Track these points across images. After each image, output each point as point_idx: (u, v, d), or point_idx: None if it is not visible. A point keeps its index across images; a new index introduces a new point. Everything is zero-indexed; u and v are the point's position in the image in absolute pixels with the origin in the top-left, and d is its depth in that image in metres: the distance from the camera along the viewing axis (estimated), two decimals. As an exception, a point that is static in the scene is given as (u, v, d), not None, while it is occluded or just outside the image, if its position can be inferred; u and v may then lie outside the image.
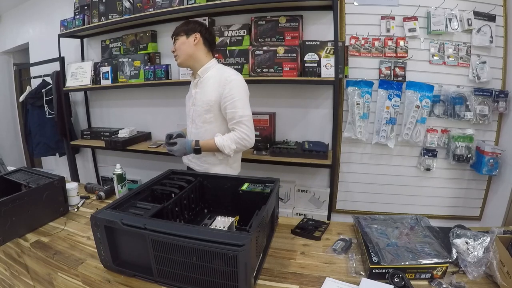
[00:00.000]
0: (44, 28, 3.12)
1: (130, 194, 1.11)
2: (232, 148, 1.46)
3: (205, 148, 1.49)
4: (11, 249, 1.17)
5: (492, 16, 1.90)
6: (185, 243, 0.81)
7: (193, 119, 1.58)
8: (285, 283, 0.92)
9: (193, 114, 1.57)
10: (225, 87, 1.44)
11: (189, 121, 1.64)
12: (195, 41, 1.51)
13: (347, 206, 2.30)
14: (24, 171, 1.49)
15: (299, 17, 2.04)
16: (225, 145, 1.46)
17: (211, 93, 1.48)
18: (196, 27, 1.53)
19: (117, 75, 2.55)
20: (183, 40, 1.51)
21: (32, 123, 3.11)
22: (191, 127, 1.61)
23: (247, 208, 1.09)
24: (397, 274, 0.88)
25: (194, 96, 1.57)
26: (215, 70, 1.54)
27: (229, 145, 1.46)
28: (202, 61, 1.54)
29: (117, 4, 2.40)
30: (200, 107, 1.51)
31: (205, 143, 1.48)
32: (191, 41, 1.51)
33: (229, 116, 1.46)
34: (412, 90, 1.98)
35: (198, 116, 1.54)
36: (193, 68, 1.56)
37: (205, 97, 1.49)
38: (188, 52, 1.52)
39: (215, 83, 1.47)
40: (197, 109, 1.53)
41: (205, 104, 1.49)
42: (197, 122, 1.55)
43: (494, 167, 1.94)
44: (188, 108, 1.65)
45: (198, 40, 1.52)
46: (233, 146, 1.46)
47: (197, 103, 1.54)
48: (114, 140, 2.46)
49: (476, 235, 1.00)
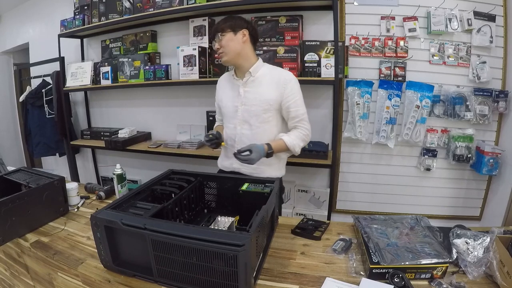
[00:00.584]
0: (44, 28, 3.12)
1: (130, 194, 1.11)
2: (300, 146, 1.46)
3: (276, 150, 1.42)
4: (11, 249, 1.17)
5: (492, 16, 1.90)
6: (185, 243, 0.81)
7: (244, 120, 1.48)
8: (285, 283, 0.92)
9: (244, 114, 1.48)
10: (286, 87, 1.42)
11: (235, 122, 1.51)
12: (244, 37, 1.43)
13: (347, 206, 2.30)
14: (24, 171, 1.49)
15: (299, 17, 2.04)
16: (295, 144, 1.44)
17: (270, 92, 1.43)
18: (243, 23, 1.45)
19: (117, 75, 2.55)
20: (231, 37, 1.41)
21: (32, 123, 3.11)
22: (242, 128, 1.49)
23: (247, 208, 1.09)
24: (397, 274, 0.88)
25: (244, 95, 1.47)
26: (266, 68, 1.48)
27: (298, 143, 1.45)
28: (251, 59, 1.47)
29: (117, 4, 2.40)
30: (258, 106, 1.44)
31: (276, 145, 1.41)
32: (239, 38, 1.42)
33: (292, 114, 1.45)
34: (412, 90, 1.98)
35: (255, 116, 1.46)
36: (240, 66, 1.47)
37: (263, 96, 1.43)
38: (236, 50, 1.42)
39: (273, 83, 1.43)
40: (252, 109, 1.45)
41: (263, 103, 1.43)
42: (253, 122, 1.47)
43: (494, 167, 1.94)
44: (230, 108, 1.52)
45: (247, 37, 1.44)
46: (301, 144, 1.46)
47: (250, 103, 1.46)
48: (114, 140, 2.46)
49: (476, 235, 1.00)
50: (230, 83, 1.55)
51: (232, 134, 1.53)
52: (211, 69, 2.24)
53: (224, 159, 1.62)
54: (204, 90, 2.43)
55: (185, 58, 2.15)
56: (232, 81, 1.53)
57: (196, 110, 2.50)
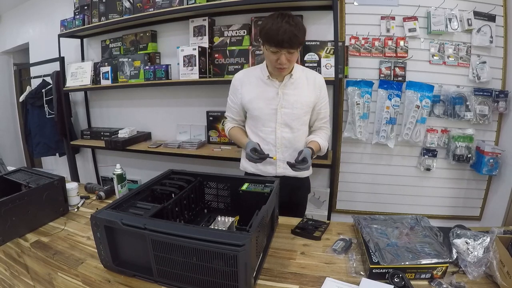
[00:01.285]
0: (44, 28, 3.11)
1: (130, 194, 1.11)
2: (327, 146, 1.52)
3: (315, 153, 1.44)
4: (11, 249, 1.17)
5: (492, 16, 1.90)
6: (185, 243, 0.81)
7: (285, 123, 1.43)
8: (285, 283, 0.92)
9: (285, 117, 1.42)
10: (322, 89, 1.45)
11: (274, 125, 1.44)
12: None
13: (347, 206, 2.30)
14: (24, 171, 1.49)
15: (299, 17, 2.04)
16: (325, 145, 1.49)
17: (309, 94, 1.43)
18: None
19: (117, 75, 2.55)
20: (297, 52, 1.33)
21: (32, 123, 3.11)
22: (282, 131, 1.44)
23: (247, 208, 1.09)
24: (397, 274, 0.88)
25: (282, 97, 1.41)
26: (300, 70, 1.46)
27: (326, 145, 1.50)
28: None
29: (117, 4, 2.40)
30: (300, 109, 1.42)
31: (315, 148, 1.42)
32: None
33: (322, 115, 1.50)
34: (412, 90, 1.98)
35: (297, 119, 1.43)
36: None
37: (303, 98, 1.42)
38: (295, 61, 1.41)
39: (310, 85, 1.43)
40: (294, 112, 1.41)
41: (305, 106, 1.42)
42: (294, 125, 1.43)
43: (494, 167, 1.94)
44: (265, 111, 1.43)
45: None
46: (327, 144, 1.52)
47: (291, 106, 1.41)
48: (114, 140, 2.46)
49: (476, 235, 1.00)
50: (261, 83, 1.44)
51: (271, 138, 1.45)
52: (211, 69, 2.24)
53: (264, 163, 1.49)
54: (204, 90, 2.43)
55: (185, 58, 2.15)
56: (264, 81, 1.43)
57: (196, 110, 2.50)
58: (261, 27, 1.29)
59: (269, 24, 1.24)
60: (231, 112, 1.57)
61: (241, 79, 1.49)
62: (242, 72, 1.54)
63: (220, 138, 2.43)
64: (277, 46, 1.24)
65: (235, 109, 1.54)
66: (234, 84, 1.51)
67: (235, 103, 1.52)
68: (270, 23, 1.24)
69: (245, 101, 1.47)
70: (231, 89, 1.53)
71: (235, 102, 1.52)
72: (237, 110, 1.54)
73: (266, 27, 1.25)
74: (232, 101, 1.53)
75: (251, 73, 1.49)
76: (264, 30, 1.26)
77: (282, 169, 1.48)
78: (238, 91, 1.49)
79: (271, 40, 1.24)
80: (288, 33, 1.21)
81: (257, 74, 1.46)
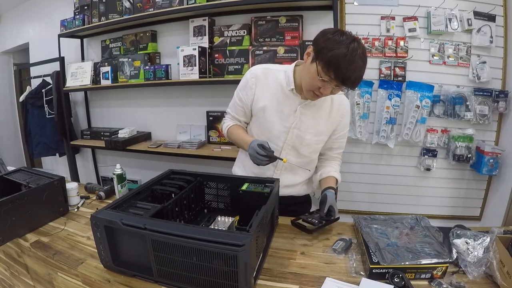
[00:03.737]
0: (44, 28, 3.12)
1: (130, 194, 1.11)
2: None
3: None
4: (11, 249, 1.17)
5: (492, 16, 1.90)
6: (185, 243, 0.81)
7: (293, 146, 1.27)
8: (285, 283, 0.92)
9: (295, 140, 1.26)
10: (344, 117, 1.27)
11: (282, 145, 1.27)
12: None
13: (347, 206, 2.30)
14: (24, 171, 1.49)
15: (299, 17, 2.04)
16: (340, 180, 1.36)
17: (329, 121, 1.26)
18: None
19: (117, 75, 2.56)
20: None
21: (32, 123, 3.11)
22: (288, 153, 1.28)
23: (247, 208, 1.09)
24: (397, 274, 0.88)
25: (300, 118, 1.22)
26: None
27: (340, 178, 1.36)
28: None
29: (117, 4, 2.40)
30: (313, 136, 1.25)
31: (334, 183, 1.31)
32: None
33: (337, 145, 1.34)
34: (412, 90, 1.98)
35: (307, 145, 1.27)
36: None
37: (322, 125, 1.25)
38: None
39: (333, 111, 1.25)
40: (307, 137, 1.25)
41: (320, 133, 1.27)
42: (303, 151, 1.28)
43: (494, 167, 1.94)
44: (276, 125, 1.24)
45: None
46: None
47: (305, 129, 1.24)
48: (114, 140, 2.46)
49: (476, 235, 1.00)
50: (281, 93, 1.22)
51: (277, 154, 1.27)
52: (211, 69, 2.24)
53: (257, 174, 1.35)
54: (204, 90, 2.43)
55: (185, 58, 2.15)
56: (285, 92, 1.21)
57: (196, 110, 2.50)
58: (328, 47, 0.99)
59: (341, 50, 0.96)
60: (235, 110, 1.34)
61: (258, 77, 1.24)
62: (261, 68, 1.26)
63: (220, 138, 2.43)
64: (336, 79, 1.01)
65: (241, 108, 1.31)
66: (248, 80, 1.25)
67: (243, 102, 1.29)
68: (344, 49, 0.96)
69: (257, 106, 1.25)
70: (243, 84, 1.28)
71: (243, 100, 1.28)
72: (243, 110, 1.31)
73: (335, 51, 0.97)
74: (240, 98, 1.29)
75: (272, 75, 1.24)
76: (331, 54, 0.98)
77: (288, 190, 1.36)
78: (251, 89, 1.25)
79: (333, 71, 0.99)
80: (358, 73, 0.99)
81: (279, 79, 1.22)
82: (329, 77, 1.01)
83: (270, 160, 1.14)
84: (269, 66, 1.29)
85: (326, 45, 1.00)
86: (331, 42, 0.99)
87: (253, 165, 1.20)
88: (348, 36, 1.00)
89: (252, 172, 1.35)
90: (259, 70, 1.26)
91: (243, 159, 1.42)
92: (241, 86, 1.29)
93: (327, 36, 1.01)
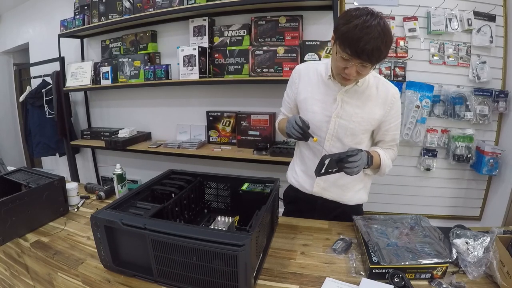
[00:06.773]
0: (44, 28, 3.12)
1: (130, 194, 1.11)
2: (390, 168, 1.26)
3: (374, 166, 1.21)
4: (11, 249, 1.17)
5: (492, 16, 1.90)
6: (185, 243, 0.81)
7: (337, 136, 1.21)
8: (285, 283, 0.92)
9: (338, 129, 1.20)
10: (393, 106, 1.20)
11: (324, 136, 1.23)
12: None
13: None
14: (24, 171, 1.49)
15: (299, 17, 2.04)
16: (387, 164, 1.23)
17: (375, 110, 1.19)
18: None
19: (117, 75, 2.56)
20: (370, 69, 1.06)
21: (32, 123, 3.11)
22: (331, 145, 1.23)
23: (247, 208, 1.09)
24: (397, 274, 0.88)
25: (341, 106, 1.18)
26: (371, 78, 1.19)
27: (389, 165, 1.24)
28: None
29: (117, 4, 2.40)
30: (358, 124, 1.18)
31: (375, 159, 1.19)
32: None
33: (389, 138, 1.25)
34: (412, 90, 1.98)
35: (351, 135, 1.20)
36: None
37: (367, 113, 1.18)
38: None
39: (379, 99, 1.18)
40: (351, 126, 1.19)
41: (365, 122, 1.19)
42: (347, 141, 1.21)
43: (494, 167, 1.94)
44: (318, 116, 1.22)
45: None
46: (391, 166, 1.27)
47: (349, 118, 1.18)
48: (114, 140, 2.46)
49: (476, 235, 1.00)
50: (321, 83, 1.22)
51: (316, 149, 1.25)
52: (211, 69, 2.24)
53: (303, 177, 1.33)
54: (204, 90, 2.43)
55: (185, 58, 2.15)
56: (325, 81, 1.21)
57: (196, 110, 2.50)
58: (341, 23, 0.98)
59: (354, 22, 0.94)
60: (285, 107, 1.39)
61: (300, 72, 1.28)
62: (304, 64, 1.32)
63: (220, 138, 2.43)
64: (352, 55, 0.98)
65: (289, 104, 1.35)
66: (293, 76, 1.31)
67: (290, 98, 1.33)
68: (356, 21, 0.94)
69: (300, 98, 1.27)
70: (289, 82, 1.34)
71: (290, 97, 1.32)
72: (291, 106, 1.34)
73: (348, 25, 0.96)
74: (288, 95, 1.34)
75: (313, 67, 1.26)
76: (344, 28, 0.96)
77: (319, 188, 1.29)
78: (295, 84, 1.29)
79: (347, 45, 0.97)
80: (372, 44, 0.93)
81: (319, 70, 1.24)
82: (346, 53, 0.99)
83: (302, 135, 1.13)
84: (312, 62, 1.34)
85: (340, 21, 1.00)
86: (345, 18, 0.98)
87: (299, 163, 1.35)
88: (364, 10, 0.97)
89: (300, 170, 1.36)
90: (301, 66, 1.32)
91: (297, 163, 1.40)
92: (288, 84, 1.35)
93: (343, 13, 1.03)
